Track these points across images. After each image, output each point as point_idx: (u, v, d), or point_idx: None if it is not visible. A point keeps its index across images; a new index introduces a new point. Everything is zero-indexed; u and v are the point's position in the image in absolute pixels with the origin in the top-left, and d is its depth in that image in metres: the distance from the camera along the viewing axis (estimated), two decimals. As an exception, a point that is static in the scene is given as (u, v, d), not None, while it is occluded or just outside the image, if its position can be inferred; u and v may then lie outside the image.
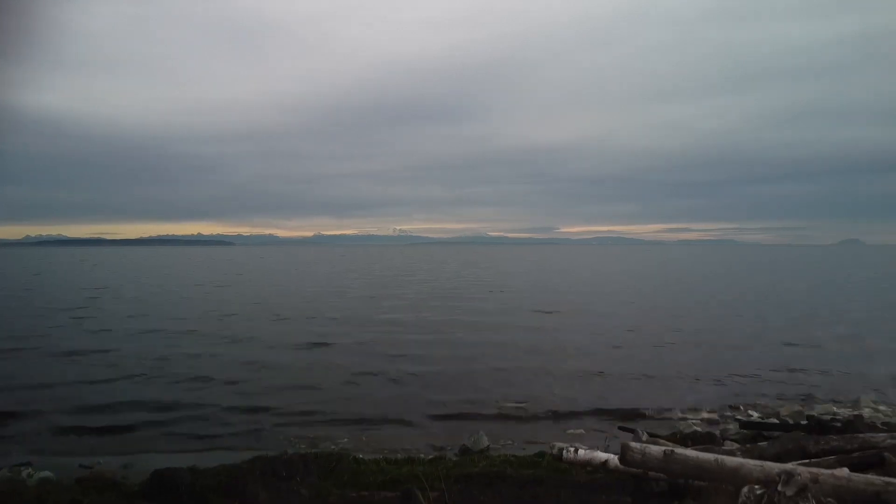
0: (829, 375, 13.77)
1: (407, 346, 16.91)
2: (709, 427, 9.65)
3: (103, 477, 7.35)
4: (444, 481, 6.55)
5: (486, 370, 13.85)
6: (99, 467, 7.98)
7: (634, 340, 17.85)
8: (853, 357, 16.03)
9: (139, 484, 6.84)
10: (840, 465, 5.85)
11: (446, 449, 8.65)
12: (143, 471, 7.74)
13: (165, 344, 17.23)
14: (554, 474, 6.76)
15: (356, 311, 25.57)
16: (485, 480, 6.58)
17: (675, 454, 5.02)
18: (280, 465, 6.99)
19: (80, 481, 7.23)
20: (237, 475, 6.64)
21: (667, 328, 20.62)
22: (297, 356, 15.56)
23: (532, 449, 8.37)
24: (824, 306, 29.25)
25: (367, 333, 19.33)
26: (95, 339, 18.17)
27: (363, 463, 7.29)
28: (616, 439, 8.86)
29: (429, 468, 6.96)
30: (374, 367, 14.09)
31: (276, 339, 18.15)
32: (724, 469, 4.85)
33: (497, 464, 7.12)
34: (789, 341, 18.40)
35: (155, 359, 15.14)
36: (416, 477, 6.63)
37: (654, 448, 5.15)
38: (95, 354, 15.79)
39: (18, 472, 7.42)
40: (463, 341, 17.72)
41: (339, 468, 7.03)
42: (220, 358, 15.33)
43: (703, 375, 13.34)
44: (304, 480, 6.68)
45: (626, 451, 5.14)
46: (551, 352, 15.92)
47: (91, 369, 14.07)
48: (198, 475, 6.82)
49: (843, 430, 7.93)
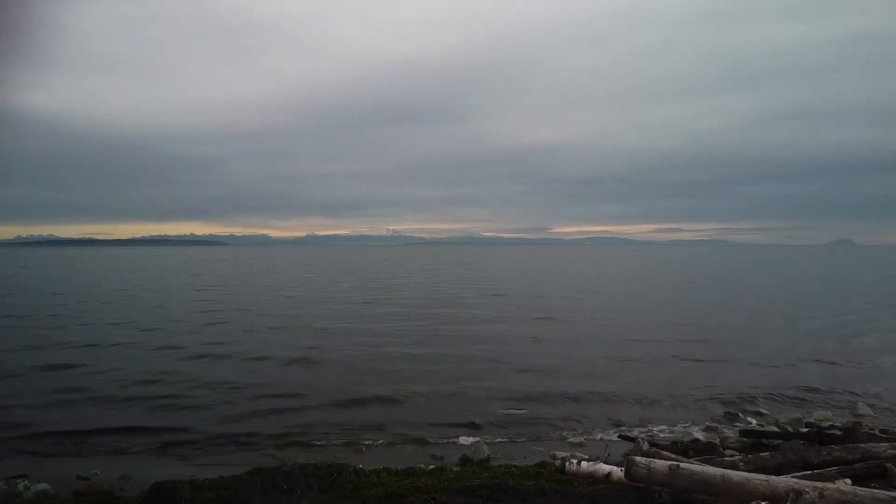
0: (827, 379, 13.83)
1: (404, 354, 16.79)
2: (708, 434, 9.65)
3: (101, 489, 7.28)
4: (446, 494, 6.53)
5: (484, 378, 13.79)
6: (96, 478, 7.88)
7: (633, 347, 17.82)
8: (851, 361, 16.10)
9: (138, 497, 6.77)
10: (842, 476, 5.86)
11: (446, 459, 8.60)
12: (140, 482, 7.66)
13: (128, 355, 16.84)
14: (556, 486, 6.72)
15: (349, 319, 25.40)
16: (486, 493, 6.53)
17: (681, 469, 5.01)
18: (280, 478, 6.91)
19: (79, 495, 7.15)
20: (238, 488, 6.58)
21: (666, 333, 20.60)
22: (288, 366, 15.39)
23: (532, 459, 8.34)
24: (822, 308, 29.40)
25: (363, 340, 19.25)
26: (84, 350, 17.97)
27: (364, 475, 7.21)
28: (616, 445, 8.87)
29: (430, 480, 6.91)
30: (370, 376, 13.98)
31: (270, 346, 18.01)
32: (729, 484, 4.84)
33: (499, 475, 7.08)
34: (787, 345, 18.50)
35: (141, 370, 15.00)
36: (418, 489, 6.59)
37: (660, 463, 5.14)
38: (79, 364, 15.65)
39: (14, 485, 7.32)
40: (460, 348, 17.62)
41: (340, 481, 6.96)
42: (210, 368, 15.17)
43: (702, 382, 13.35)
44: (305, 494, 6.62)
45: (631, 466, 5.13)
46: (549, 360, 15.83)
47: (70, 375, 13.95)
48: (197, 488, 6.74)
49: (844, 440, 7.95)
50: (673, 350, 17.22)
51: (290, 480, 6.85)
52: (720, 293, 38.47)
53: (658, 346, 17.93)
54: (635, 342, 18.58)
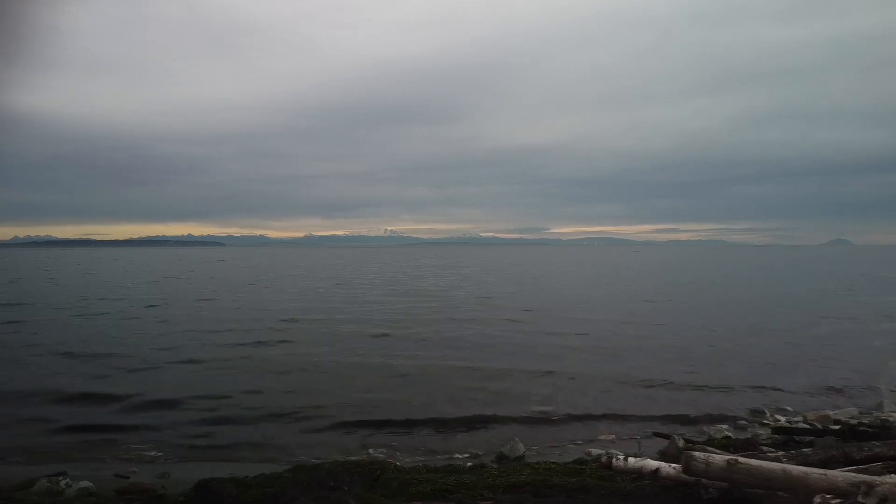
0: (844, 378, 13.87)
1: (428, 351, 16.87)
2: (737, 432, 9.69)
3: (144, 488, 7.29)
4: (493, 491, 6.57)
5: (510, 375, 13.83)
6: (136, 477, 7.90)
7: (654, 346, 17.84)
8: (867, 358, 16.14)
9: (183, 495, 6.76)
10: (888, 471, 5.91)
11: (481, 456, 8.63)
12: (180, 481, 7.67)
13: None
14: (599, 482, 6.76)
15: (376, 314, 25.45)
16: (532, 489, 6.58)
17: (740, 464, 5.05)
18: (324, 475, 6.94)
19: (122, 493, 7.16)
20: (284, 486, 6.59)
21: (685, 332, 20.64)
22: (312, 362, 15.47)
23: (567, 456, 8.37)
24: (832, 307, 29.47)
25: (388, 336, 19.40)
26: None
27: (405, 472, 7.24)
28: (648, 442, 8.90)
29: (474, 477, 6.94)
30: (397, 372, 14.04)
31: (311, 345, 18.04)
32: (790, 479, 4.89)
33: (541, 472, 7.10)
34: (803, 343, 18.51)
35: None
36: (464, 486, 6.62)
37: (718, 457, 5.18)
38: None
39: (56, 483, 7.32)
40: (482, 346, 17.69)
41: (384, 478, 6.99)
42: (237, 364, 15.22)
43: (725, 380, 13.36)
44: (350, 490, 6.63)
45: (689, 461, 5.18)
46: (573, 357, 15.84)
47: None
48: (242, 486, 6.76)
49: (878, 436, 7.99)
50: (695, 350, 17.22)
51: (335, 477, 6.87)
52: (732, 293, 38.33)
53: (679, 346, 17.92)
54: (657, 342, 18.54)
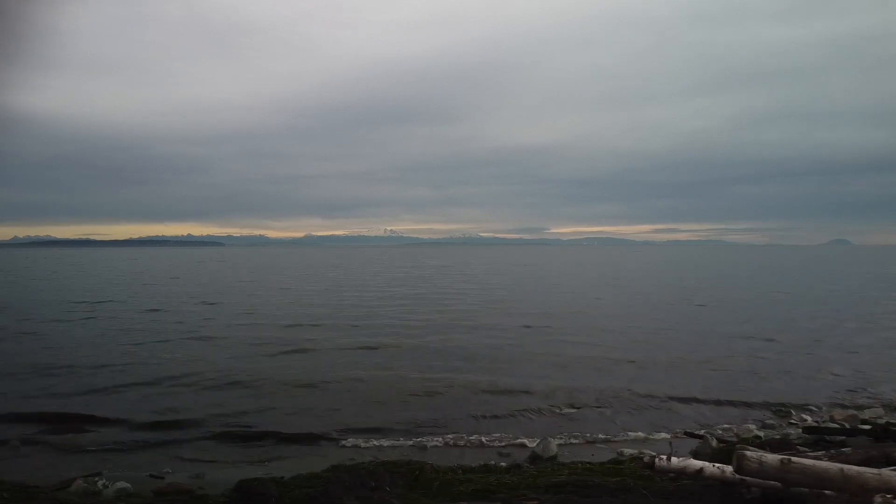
0: (865, 378, 13.87)
1: (449, 352, 16.90)
2: (767, 432, 9.69)
3: (182, 489, 7.29)
4: (535, 490, 6.57)
5: (533, 376, 13.85)
6: (171, 477, 7.91)
7: (675, 347, 17.82)
8: (888, 359, 16.12)
9: (223, 495, 6.76)
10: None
11: (514, 456, 8.64)
12: (215, 481, 7.68)
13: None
14: (639, 482, 6.77)
15: (396, 316, 25.51)
16: (573, 489, 6.59)
17: (793, 463, 5.05)
18: (364, 475, 6.94)
19: (160, 493, 7.16)
20: (326, 486, 6.59)
21: (702, 333, 20.66)
22: (337, 363, 15.49)
23: (600, 456, 8.37)
24: (842, 307, 29.45)
25: (411, 336, 19.50)
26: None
27: (443, 472, 7.25)
28: (679, 442, 8.88)
29: (514, 477, 6.95)
30: (423, 374, 14.02)
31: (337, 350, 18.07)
32: (847, 478, 4.89)
33: (580, 472, 7.11)
34: (820, 344, 18.46)
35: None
36: (505, 486, 6.63)
37: (771, 457, 5.19)
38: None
39: (94, 483, 7.33)
40: (503, 348, 17.70)
41: (423, 478, 7.00)
42: (263, 365, 15.24)
43: (748, 381, 13.38)
44: (392, 490, 6.64)
45: (742, 460, 5.17)
46: (597, 360, 15.79)
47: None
48: (283, 486, 6.77)
49: (913, 436, 8.00)
50: (715, 350, 17.24)
51: (376, 477, 6.88)
52: (739, 293, 38.28)
53: (697, 347, 17.91)
54: (678, 343, 18.51)
